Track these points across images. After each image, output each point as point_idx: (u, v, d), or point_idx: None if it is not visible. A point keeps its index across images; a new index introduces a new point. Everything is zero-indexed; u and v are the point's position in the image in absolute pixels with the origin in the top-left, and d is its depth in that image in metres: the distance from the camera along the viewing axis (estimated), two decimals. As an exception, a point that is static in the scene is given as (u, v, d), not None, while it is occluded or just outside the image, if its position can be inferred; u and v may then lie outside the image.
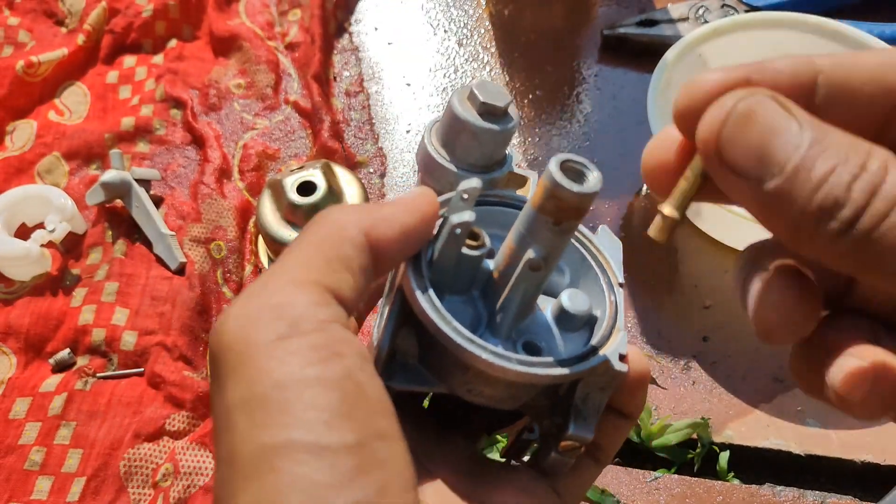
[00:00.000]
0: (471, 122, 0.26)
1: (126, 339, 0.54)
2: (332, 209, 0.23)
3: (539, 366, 0.23)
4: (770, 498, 0.48)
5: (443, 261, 0.24)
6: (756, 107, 0.18)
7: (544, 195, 0.22)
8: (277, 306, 0.20)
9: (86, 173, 0.64)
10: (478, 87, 0.26)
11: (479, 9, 0.74)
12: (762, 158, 0.17)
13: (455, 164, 0.27)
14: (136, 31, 0.71)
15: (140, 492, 0.49)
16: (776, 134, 0.17)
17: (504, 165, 0.28)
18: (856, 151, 0.17)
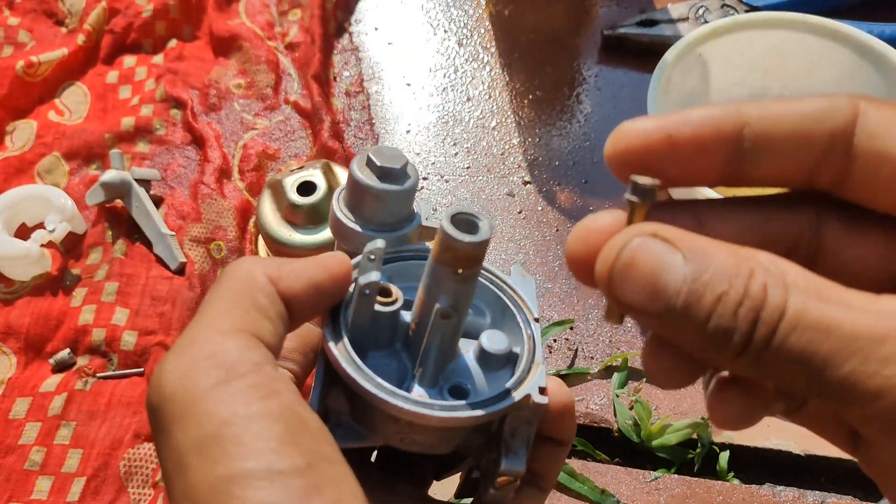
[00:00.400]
0: (371, 186, 0.27)
1: (126, 339, 0.54)
2: (241, 261, 0.24)
3: (460, 409, 0.24)
4: (770, 498, 0.48)
5: (359, 320, 0.25)
6: (637, 251, 0.19)
7: (441, 248, 0.23)
8: (211, 355, 0.21)
9: (86, 173, 0.64)
10: (374, 152, 0.28)
11: (479, 9, 0.74)
12: (652, 296, 0.19)
13: (363, 227, 0.28)
14: (136, 31, 0.71)
15: (140, 492, 0.49)
16: (661, 272, 0.18)
17: (412, 221, 0.29)
18: (738, 275, 0.18)
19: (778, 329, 0.17)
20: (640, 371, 0.54)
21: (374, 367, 0.25)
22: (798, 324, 0.17)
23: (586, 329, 0.56)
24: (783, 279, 0.18)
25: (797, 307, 0.17)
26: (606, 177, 0.63)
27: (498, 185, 0.63)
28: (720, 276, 0.18)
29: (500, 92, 0.69)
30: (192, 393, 0.20)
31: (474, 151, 0.65)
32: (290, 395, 0.21)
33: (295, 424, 0.20)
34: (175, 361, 0.21)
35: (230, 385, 0.20)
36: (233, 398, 0.20)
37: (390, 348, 0.27)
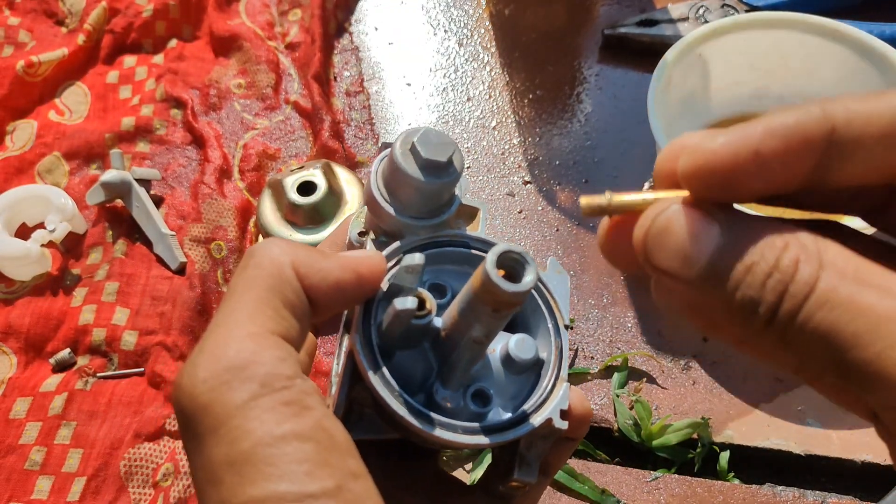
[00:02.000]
0: (412, 177, 0.26)
1: (126, 338, 0.54)
2: (267, 246, 0.24)
3: (482, 436, 0.24)
4: (770, 498, 0.48)
5: (390, 332, 0.25)
6: (673, 218, 0.19)
7: (482, 288, 0.22)
8: (244, 366, 0.21)
9: (86, 173, 0.64)
10: (420, 140, 0.26)
11: (479, 9, 0.74)
12: (684, 262, 0.19)
13: (398, 212, 0.27)
14: (137, 31, 0.71)
15: (140, 492, 0.49)
16: (696, 240, 0.19)
17: (452, 206, 0.28)
18: (771, 247, 0.18)
19: (805, 305, 0.17)
20: (641, 371, 0.54)
21: (401, 364, 0.25)
22: (827, 301, 0.17)
23: (586, 329, 0.56)
24: (819, 256, 0.17)
25: (828, 285, 0.17)
26: (607, 176, 0.63)
27: (498, 185, 0.63)
28: (754, 247, 0.18)
29: (501, 92, 0.69)
30: (226, 407, 0.20)
31: (474, 151, 0.65)
32: (320, 410, 0.21)
33: (325, 443, 0.20)
34: (208, 369, 0.21)
35: (263, 401, 0.20)
36: (267, 415, 0.20)
37: (418, 347, 0.26)
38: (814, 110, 0.18)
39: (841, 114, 0.18)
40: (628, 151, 0.64)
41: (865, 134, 0.18)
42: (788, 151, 0.18)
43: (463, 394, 0.26)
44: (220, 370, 0.21)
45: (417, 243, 0.27)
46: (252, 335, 0.21)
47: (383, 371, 0.24)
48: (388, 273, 0.26)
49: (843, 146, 0.18)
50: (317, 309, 0.24)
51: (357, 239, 0.29)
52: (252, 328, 0.22)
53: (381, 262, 0.25)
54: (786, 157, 0.18)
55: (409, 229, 0.27)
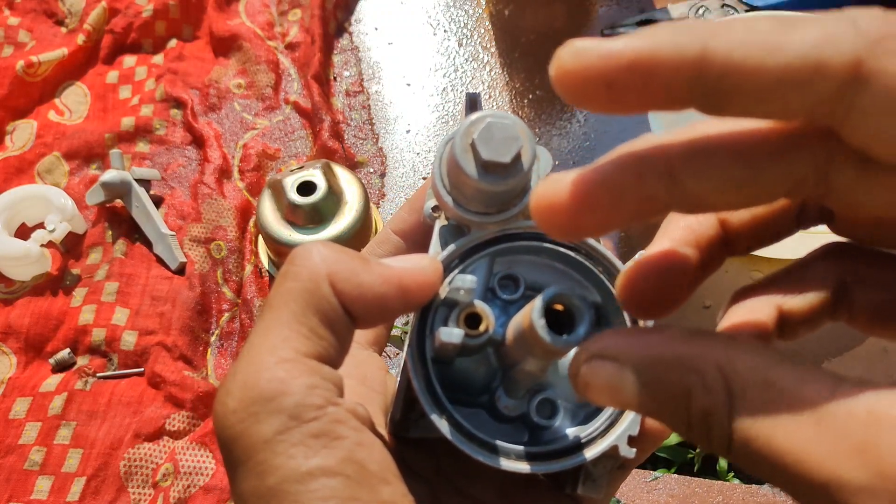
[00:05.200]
0: (471, 178, 0.23)
1: (126, 338, 0.54)
2: (307, 256, 0.22)
3: (547, 463, 0.23)
4: (770, 498, 0.48)
5: (441, 353, 0.23)
6: (590, 376, 0.19)
7: (529, 333, 0.21)
8: (273, 397, 0.20)
9: (86, 173, 0.64)
10: (481, 137, 0.22)
11: (479, 9, 0.74)
12: (619, 405, 0.20)
13: (461, 207, 0.24)
14: (136, 31, 0.71)
15: (140, 491, 0.49)
16: (616, 391, 0.19)
17: (524, 198, 0.24)
18: (683, 394, 0.18)
19: (732, 451, 0.17)
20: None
21: (462, 370, 0.24)
22: (748, 451, 0.16)
23: (586, 329, 0.56)
24: (726, 396, 0.17)
25: (741, 437, 0.16)
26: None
27: (498, 185, 0.63)
28: (666, 393, 0.18)
29: (500, 92, 0.69)
30: (254, 440, 0.20)
31: (474, 151, 0.65)
32: (352, 438, 0.21)
33: (355, 476, 0.20)
34: (238, 399, 0.21)
35: (292, 434, 0.20)
36: (294, 449, 0.20)
37: (480, 353, 0.25)
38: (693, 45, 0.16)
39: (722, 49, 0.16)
40: (628, 151, 0.64)
41: (743, 88, 0.16)
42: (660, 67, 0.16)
43: (528, 402, 0.24)
44: (250, 401, 0.20)
45: (483, 238, 0.24)
46: (283, 361, 0.21)
47: (437, 393, 0.23)
48: (449, 276, 0.24)
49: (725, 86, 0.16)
50: (359, 322, 0.23)
51: (430, 215, 0.26)
52: (284, 352, 0.21)
53: (431, 274, 0.23)
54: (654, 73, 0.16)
55: (475, 224, 0.24)
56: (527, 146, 0.23)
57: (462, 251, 0.24)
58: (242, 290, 0.57)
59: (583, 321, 0.20)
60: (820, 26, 0.15)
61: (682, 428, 0.18)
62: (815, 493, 0.15)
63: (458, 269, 0.24)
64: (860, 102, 0.15)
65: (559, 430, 0.24)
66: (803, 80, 0.15)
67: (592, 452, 0.23)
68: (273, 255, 0.58)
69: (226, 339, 0.56)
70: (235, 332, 0.56)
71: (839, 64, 0.15)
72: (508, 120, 0.22)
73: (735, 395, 0.16)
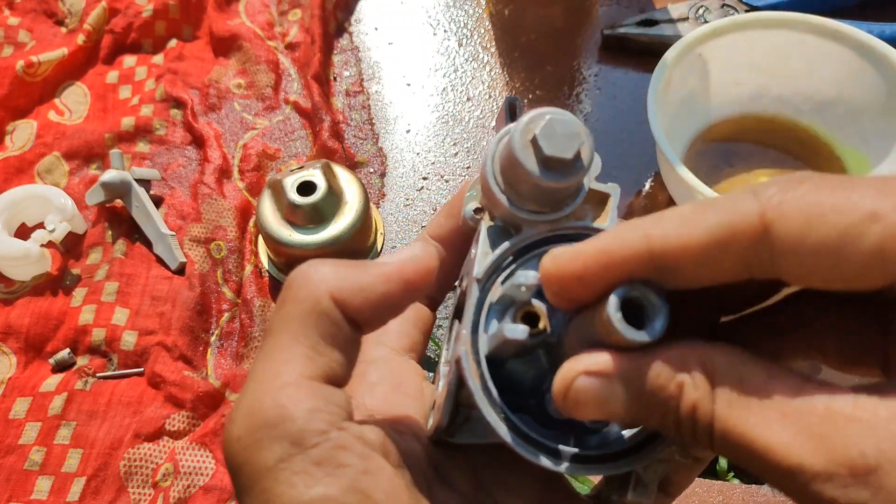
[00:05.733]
0: (531, 174, 0.22)
1: (126, 338, 0.54)
2: (305, 276, 0.23)
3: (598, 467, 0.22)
4: (770, 498, 0.48)
5: (498, 352, 0.23)
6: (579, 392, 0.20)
7: (601, 328, 0.20)
8: (275, 424, 0.21)
9: (86, 173, 0.64)
10: (543, 132, 0.22)
11: (479, 9, 0.74)
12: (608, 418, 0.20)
13: (514, 205, 0.24)
14: (136, 31, 0.71)
15: (140, 492, 0.49)
16: (605, 404, 0.20)
17: (578, 196, 0.24)
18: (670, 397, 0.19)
19: (714, 443, 0.19)
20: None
21: (512, 371, 0.24)
22: (726, 441, 0.18)
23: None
24: (709, 389, 0.19)
25: (720, 427, 0.18)
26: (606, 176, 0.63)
27: (498, 185, 0.63)
28: (655, 398, 0.19)
29: (500, 92, 0.69)
30: (257, 468, 0.20)
31: (474, 151, 0.65)
32: (356, 466, 0.21)
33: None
34: (242, 426, 0.21)
35: (294, 462, 0.20)
36: (296, 478, 0.20)
37: (531, 355, 0.24)
38: (637, 237, 0.19)
39: (658, 243, 0.19)
40: (628, 152, 0.64)
41: (683, 261, 0.19)
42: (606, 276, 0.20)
43: None
44: (254, 428, 0.21)
45: (536, 238, 0.24)
46: (285, 386, 0.21)
47: (491, 391, 0.22)
48: (502, 275, 0.24)
49: (669, 271, 0.19)
50: (366, 328, 0.23)
51: (472, 217, 0.26)
52: (287, 377, 0.21)
53: (429, 259, 0.24)
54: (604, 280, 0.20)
55: (527, 223, 0.24)
56: (587, 143, 0.23)
57: (516, 249, 0.24)
58: (242, 290, 0.57)
59: (658, 316, 0.20)
60: (728, 200, 0.18)
61: (671, 426, 0.19)
62: (784, 478, 0.17)
63: (510, 269, 0.24)
64: (776, 248, 0.17)
65: (607, 435, 0.24)
66: (724, 245, 0.18)
67: (660, 447, 0.22)
68: (273, 255, 0.58)
69: (226, 339, 0.56)
70: (235, 332, 0.56)
71: (747, 223, 0.18)
72: (568, 116, 0.22)
73: (716, 390, 0.18)
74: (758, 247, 0.18)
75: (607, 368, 0.20)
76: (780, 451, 0.17)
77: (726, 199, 0.19)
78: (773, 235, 0.17)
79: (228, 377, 0.53)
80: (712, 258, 0.18)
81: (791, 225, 0.17)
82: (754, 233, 0.18)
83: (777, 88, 0.59)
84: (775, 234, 0.17)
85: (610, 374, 0.20)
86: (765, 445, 0.17)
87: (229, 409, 0.52)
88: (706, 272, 0.19)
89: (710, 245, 0.18)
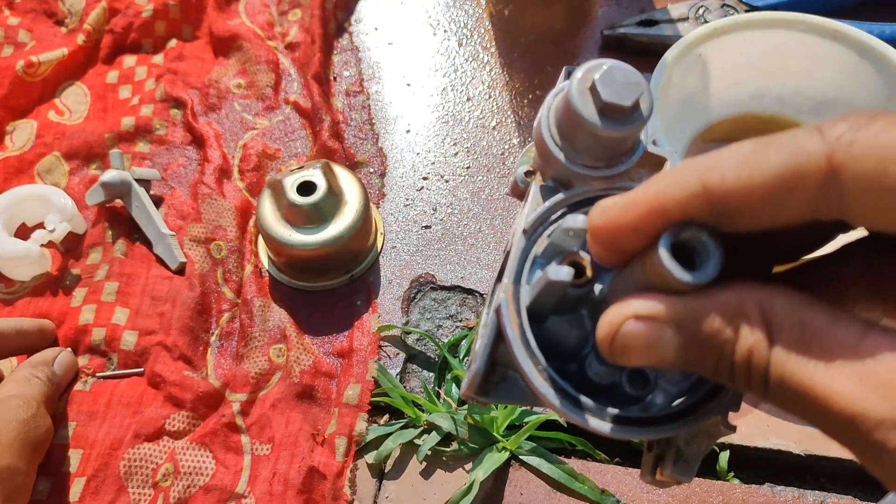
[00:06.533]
0: (588, 122, 0.22)
1: (126, 338, 0.54)
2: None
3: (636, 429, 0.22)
4: (770, 498, 0.48)
5: (541, 299, 0.22)
6: (628, 337, 0.20)
7: (651, 271, 0.20)
8: None
9: (86, 173, 0.64)
10: (602, 78, 0.22)
11: (479, 9, 0.74)
12: (657, 363, 0.20)
13: (569, 158, 0.23)
14: (136, 31, 0.71)
15: (140, 492, 0.49)
16: (655, 349, 0.19)
17: (634, 154, 0.24)
18: (725, 341, 0.19)
19: (769, 390, 0.18)
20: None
21: (553, 329, 0.23)
22: (783, 387, 0.18)
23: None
24: (766, 334, 0.18)
25: (777, 372, 0.18)
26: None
27: (498, 185, 0.63)
28: (710, 343, 0.19)
29: (500, 92, 0.69)
30: None
31: (474, 151, 0.65)
32: None
33: None
34: None
35: None
36: None
37: (573, 314, 0.23)
38: (692, 181, 0.19)
39: (717, 183, 0.18)
40: (628, 151, 0.64)
41: (744, 204, 0.18)
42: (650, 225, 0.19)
43: (619, 371, 0.23)
44: None
45: (587, 195, 0.24)
46: None
47: (530, 342, 0.22)
48: (550, 228, 0.23)
49: (727, 213, 0.19)
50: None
51: (523, 179, 0.26)
52: None
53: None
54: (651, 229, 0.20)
55: (581, 178, 0.24)
56: (646, 94, 0.22)
57: (566, 203, 0.24)
58: (242, 290, 0.57)
59: (712, 257, 0.19)
60: (791, 139, 0.18)
61: (725, 373, 0.19)
62: (842, 426, 0.17)
63: (558, 224, 0.23)
64: (845, 189, 0.17)
65: (649, 405, 0.23)
66: (789, 186, 0.17)
67: (706, 413, 0.21)
68: (273, 255, 0.58)
69: (226, 339, 0.56)
70: (235, 332, 0.56)
71: (814, 164, 0.17)
72: (628, 66, 0.22)
73: (773, 334, 0.18)
74: (824, 188, 0.17)
75: (658, 312, 0.19)
76: (842, 398, 0.16)
77: (789, 137, 0.18)
78: (842, 177, 0.17)
79: (228, 377, 0.53)
80: (775, 201, 0.18)
81: (864, 166, 0.16)
82: (822, 174, 0.17)
83: (777, 88, 0.59)
84: (846, 175, 0.17)
85: (661, 318, 0.19)
86: (825, 393, 0.17)
87: (229, 409, 0.52)
88: (767, 215, 0.18)
89: (774, 188, 0.17)
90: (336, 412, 0.52)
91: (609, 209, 0.20)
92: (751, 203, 0.18)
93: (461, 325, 0.56)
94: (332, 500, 0.49)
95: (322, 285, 0.58)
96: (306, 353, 0.54)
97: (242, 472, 0.50)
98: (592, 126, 0.22)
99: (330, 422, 0.52)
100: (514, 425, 0.51)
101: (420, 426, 0.51)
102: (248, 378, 0.53)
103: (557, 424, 0.51)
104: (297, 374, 0.53)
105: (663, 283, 0.19)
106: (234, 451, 0.50)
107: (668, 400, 0.23)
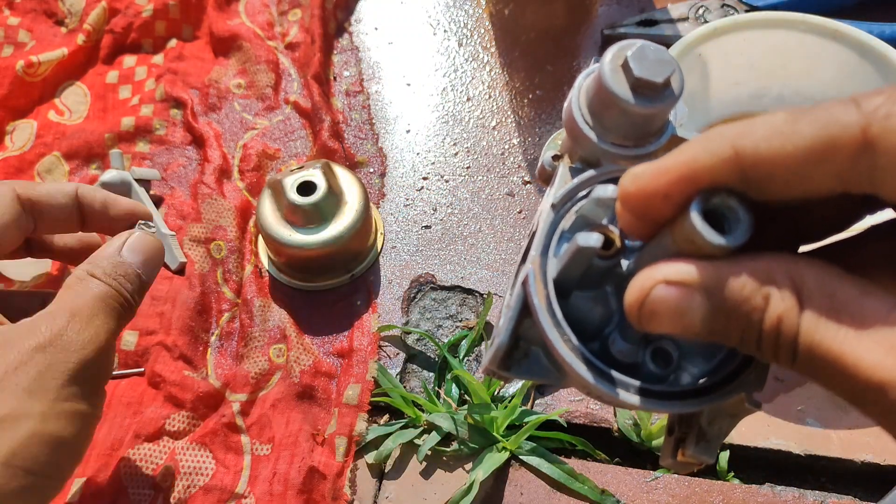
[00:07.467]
0: (620, 98, 0.22)
1: (126, 338, 0.54)
2: None
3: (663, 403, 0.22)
4: (770, 498, 0.48)
5: (571, 272, 0.22)
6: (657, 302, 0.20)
7: (681, 236, 0.20)
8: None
9: (86, 173, 0.64)
10: (635, 54, 0.22)
11: (479, 9, 0.74)
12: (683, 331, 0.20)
13: (600, 137, 0.24)
14: (136, 31, 0.71)
15: (140, 492, 0.49)
16: (683, 315, 0.19)
17: (662, 135, 0.24)
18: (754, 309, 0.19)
19: (797, 358, 0.18)
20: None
21: (577, 305, 0.23)
22: (811, 355, 0.18)
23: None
24: (796, 302, 0.18)
25: (807, 340, 0.18)
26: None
27: (498, 185, 0.63)
28: (738, 310, 0.19)
29: (500, 92, 0.69)
30: None
31: (474, 151, 0.65)
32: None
33: None
34: None
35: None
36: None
37: (598, 289, 0.24)
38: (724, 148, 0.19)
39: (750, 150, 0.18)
40: (628, 151, 0.64)
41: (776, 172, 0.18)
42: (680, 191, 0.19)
43: (643, 349, 0.23)
44: None
45: (615, 174, 0.24)
46: None
47: (556, 312, 0.22)
48: (577, 204, 0.23)
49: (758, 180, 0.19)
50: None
51: (550, 163, 0.26)
52: None
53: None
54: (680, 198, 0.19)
55: (610, 157, 0.24)
56: (678, 73, 0.23)
57: (598, 180, 0.24)
58: (242, 290, 0.57)
59: (742, 223, 0.19)
60: (826, 110, 0.17)
61: (752, 342, 0.19)
62: (870, 395, 0.17)
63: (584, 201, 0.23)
64: (878, 162, 0.17)
65: (673, 384, 0.23)
66: (821, 157, 0.17)
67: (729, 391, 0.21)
68: (273, 255, 0.58)
69: (226, 339, 0.56)
70: (235, 332, 0.56)
71: (848, 136, 0.17)
72: (659, 46, 0.23)
73: (804, 303, 0.18)
74: (857, 160, 0.17)
75: (689, 277, 0.19)
76: (871, 366, 0.17)
77: (823, 108, 0.18)
78: (877, 149, 0.17)
79: (228, 377, 0.53)
80: (806, 170, 0.18)
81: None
82: (856, 146, 0.17)
83: (777, 88, 0.59)
84: (881, 148, 0.17)
85: (691, 284, 0.19)
86: (854, 361, 0.17)
87: (229, 409, 0.52)
88: (797, 184, 0.18)
89: (806, 157, 0.17)
90: (336, 412, 0.52)
91: (640, 175, 0.20)
92: (782, 171, 0.18)
93: (461, 325, 0.56)
94: (332, 500, 0.49)
95: (322, 285, 0.58)
96: (306, 353, 0.54)
97: (242, 472, 0.50)
98: (625, 102, 0.22)
99: (330, 422, 0.52)
100: (514, 425, 0.51)
101: (420, 426, 0.51)
102: (248, 378, 0.53)
103: (557, 424, 0.51)
104: (297, 374, 0.53)
105: (693, 249, 0.19)
106: (234, 452, 0.50)
107: (691, 381, 0.23)
